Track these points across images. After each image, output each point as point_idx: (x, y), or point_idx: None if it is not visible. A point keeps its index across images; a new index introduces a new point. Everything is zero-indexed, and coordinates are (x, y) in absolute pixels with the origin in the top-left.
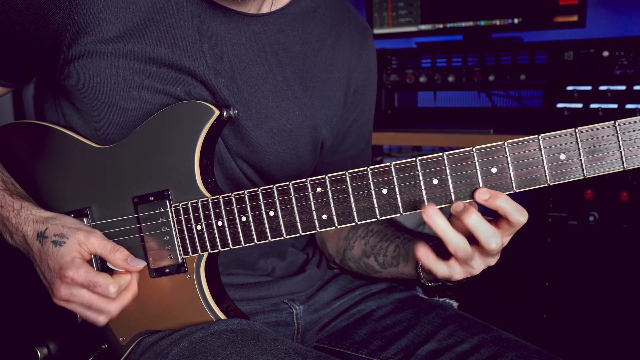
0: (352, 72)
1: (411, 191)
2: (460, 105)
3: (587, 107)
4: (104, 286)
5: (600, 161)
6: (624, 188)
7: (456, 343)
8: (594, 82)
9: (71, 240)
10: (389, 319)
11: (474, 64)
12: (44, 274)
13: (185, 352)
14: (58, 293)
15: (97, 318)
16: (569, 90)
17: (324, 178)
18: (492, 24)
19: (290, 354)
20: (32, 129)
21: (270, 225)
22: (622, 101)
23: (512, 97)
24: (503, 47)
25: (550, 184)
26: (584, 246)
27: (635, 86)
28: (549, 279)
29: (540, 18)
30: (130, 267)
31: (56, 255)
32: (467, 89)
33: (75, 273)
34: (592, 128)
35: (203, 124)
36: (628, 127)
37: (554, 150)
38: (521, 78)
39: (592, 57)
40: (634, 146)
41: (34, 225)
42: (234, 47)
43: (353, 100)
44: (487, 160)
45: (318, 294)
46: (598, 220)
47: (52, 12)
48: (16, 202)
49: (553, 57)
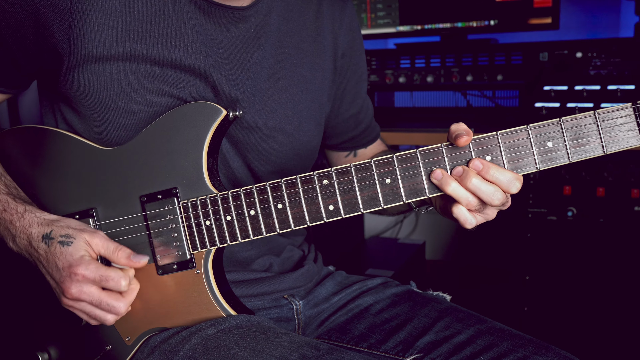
0: (338, 37)
1: (413, 180)
2: (436, 105)
3: (564, 106)
4: (115, 279)
5: (583, 147)
6: (600, 184)
7: (453, 334)
8: (570, 82)
9: (78, 240)
10: (386, 313)
11: (451, 65)
12: (52, 275)
13: (197, 349)
14: (68, 291)
15: (106, 316)
16: (546, 90)
17: (329, 171)
18: (469, 25)
19: (303, 346)
20: (34, 133)
21: (278, 218)
22: (598, 100)
23: (487, 97)
24: (480, 48)
25: (540, 169)
26: (563, 240)
27: (609, 86)
28: (529, 273)
29: (516, 20)
30: (134, 263)
31: (65, 255)
32: (445, 89)
33: (86, 269)
34: (574, 117)
35: (211, 123)
36: (606, 116)
37: (542, 139)
38: (498, 78)
39: (566, 58)
40: (612, 133)
41: (38, 227)
42: (230, 40)
43: (342, 63)
44: (482, 149)
45: (316, 289)
46: (576, 215)
47: (52, 19)
48: (19, 206)
49: (528, 58)
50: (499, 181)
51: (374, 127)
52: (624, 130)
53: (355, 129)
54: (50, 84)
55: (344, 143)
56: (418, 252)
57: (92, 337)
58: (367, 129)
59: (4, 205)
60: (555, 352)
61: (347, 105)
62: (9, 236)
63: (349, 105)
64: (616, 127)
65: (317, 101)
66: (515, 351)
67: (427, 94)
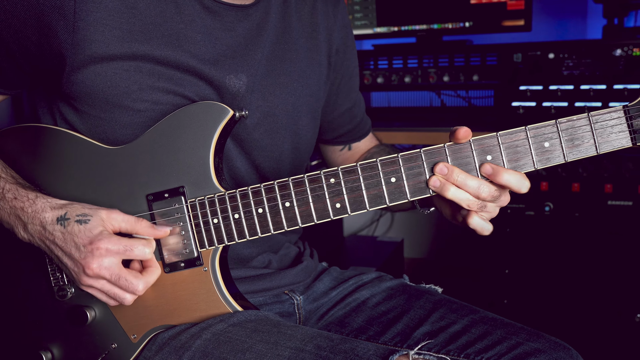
0: (332, 33)
1: (417, 178)
2: (412, 105)
3: (540, 105)
4: (139, 247)
5: (578, 147)
6: (575, 180)
7: (448, 324)
8: (544, 82)
9: (95, 217)
10: (383, 306)
11: (428, 66)
12: (71, 255)
13: (209, 344)
14: (89, 267)
15: (124, 295)
16: (522, 89)
17: (337, 170)
18: (444, 27)
19: (316, 337)
20: (35, 132)
21: (286, 216)
22: (572, 99)
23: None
24: (456, 49)
25: (537, 168)
26: (541, 234)
27: (582, 86)
28: (509, 267)
29: (490, 22)
30: (157, 232)
31: (84, 232)
32: (423, 89)
33: (108, 242)
34: (569, 119)
35: (218, 123)
36: (599, 118)
37: (539, 139)
38: (474, 79)
39: (539, 59)
40: (604, 134)
41: (52, 212)
42: (234, 38)
43: (337, 59)
44: (483, 149)
45: (315, 284)
46: (553, 210)
47: (56, 19)
48: (30, 193)
49: (503, 58)
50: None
51: (366, 120)
52: (615, 131)
53: (350, 122)
54: (50, 85)
55: (339, 137)
56: (397, 249)
57: (97, 335)
58: (360, 122)
59: (14, 194)
60: (546, 338)
61: (342, 100)
62: (20, 224)
63: (344, 99)
64: (608, 129)
65: (315, 96)
66: (509, 338)
67: (402, 93)
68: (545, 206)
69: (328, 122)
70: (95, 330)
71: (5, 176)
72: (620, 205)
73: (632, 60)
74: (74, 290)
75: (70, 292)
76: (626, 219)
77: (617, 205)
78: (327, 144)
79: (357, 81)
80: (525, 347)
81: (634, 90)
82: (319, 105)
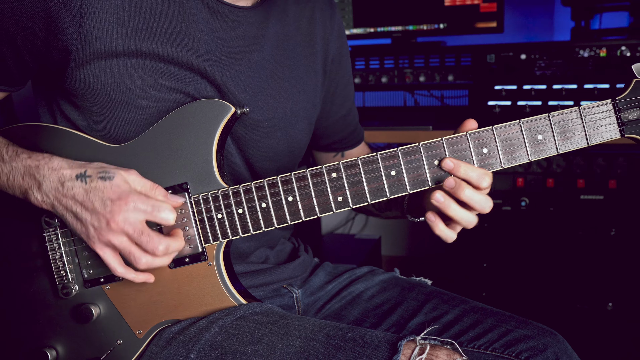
0: (328, 43)
1: (416, 171)
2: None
3: (515, 104)
4: (165, 212)
5: (570, 139)
6: (549, 176)
7: (441, 315)
8: (518, 82)
9: (117, 175)
10: (377, 298)
11: (404, 66)
12: (94, 209)
13: (218, 337)
14: (113, 220)
15: (140, 256)
16: (497, 89)
17: (338, 164)
18: (419, 28)
19: (324, 327)
20: (36, 131)
21: (289, 210)
22: (545, 98)
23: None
24: (432, 50)
25: (531, 160)
26: (518, 228)
27: (554, 85)
28: (487, 261)
29: (464, 24)
30: (172, 201)
31: (110, 188)
32: (399, 89)
33: (137, 199)
34: (561, 113)
35: (220, 120)
36: (589, 111)
37: (533, 132)
38: (449, 79)
39: (512, 60)
40: (594, 126)
41: (70, 169)
42: (234, 39)
43: (332, 68)
44: (479, 142)
45: (311, 279)
46: (529, 205)
47: (63, 16)
48: (45, 153)
49: (477, 59)
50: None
51: (360, 129)
52: (605, 124)
53: (344, 130)
54: (51, 82)
55: (333, 144)
56: (375, 246)
57: (101, 332)
58: (354, 130)
59: (29, 154)
60: (534, 325)
61: (337, 108)
62: (34, 184)
63: (339, 107)
64: (598, 121)
65: (311, 102)
66: (499, 326)
67: (378, 93)
68: (521, 201)
69: (323, 128)
70: (100, 327)
71: (15, 146)
72: (592, 199)
73: (600, 61)
74: (78, 287)
75: (75, 290)
76: (598, 213)
77: (589, 199)
78: (320, 151)
79: (351, 89)
80: (515, 334)
81: (604, 89)
82: (315, 112)
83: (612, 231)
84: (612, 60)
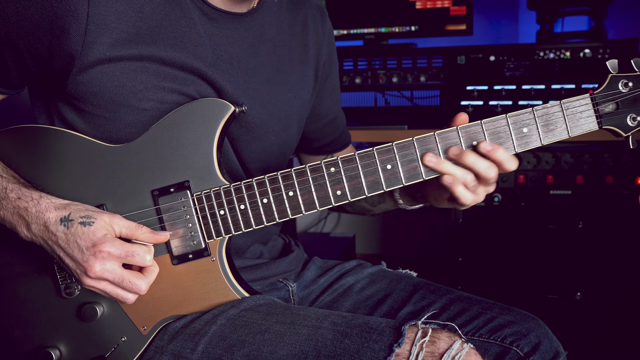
0: (320, 48)
1: (410, 164)
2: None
3: (487, 104)
4: (141, 253)
5: (552, 132)
6: (520, 172)
7: (429, 304)
8: (489, 82)
9: (99, 220)
10: (367, 290)
11: (378, 67)
12: (73, 256)
13: (225, 328)
14: (91, 270)
15: (127, 295)
16: (469, 89)
17: (336, 159)
18: (391, 30)
19: (329, 316)
20: (35, 132)
21: (290, 204)
22: (515, 98)
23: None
24: (404, 51)
25: (518, 152)
26: (491, 224)
27: (523, 86)
28: (462, 255)
29: (434, 26)
30: (157, 237)
31: (87, 234)
32: (373, 90)
33: (111, 246)
34: (544, 107)
35: (220, 118)
36: (570, 104)
37: (518, 125)
38: (421, 80)
39: (481, 61)
40: (574, 119)
41: (56, 212)
42: (231, 45)
43: (322, 72)
44: (469, 136)
45: (304, 273)
46: (501, 200)
47: (70, 22)
48: (34, 193)
49: (447, 60)
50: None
51: (347, 131)
52: (584, 116)
53: (332, 133)
54: (50, 85)
55: (323, 147)
56: (350, 244)
57: (106, 330)
58: (342, 133)
59: (18, 193)
60: (516, 311)
61: (325, 111)
62: (23, 224)
63: (327, 111)
64: (578, 114)
65: (304, 107)
66: (484, 313)
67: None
68: (494, 197)
69: (312, 132)
70: (104, 325)
71: (7, 176)
72: (561, 194)
73: (565, 63)
74: (81, 287)
75: (78, 290)
76: (566, 207)
77: (558, 194)
78: (309, 154)
79: (339, 94)
80: (500, 320)
81: (570, 89)
82: (305, 116)
83: (579, 224)
84: (576, 62)
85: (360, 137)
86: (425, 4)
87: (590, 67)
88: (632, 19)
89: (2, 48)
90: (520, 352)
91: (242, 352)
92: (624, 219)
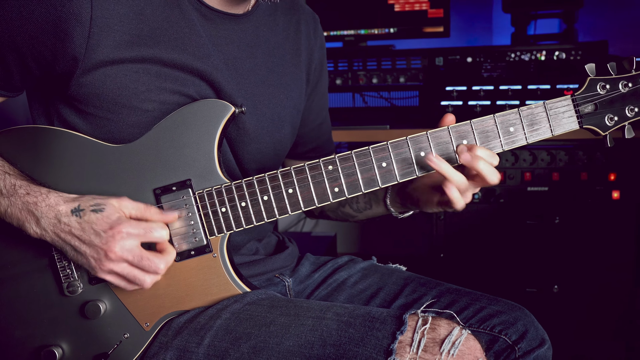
0: (312, 52)
1: (404, 162)
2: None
3: (466, 104)
4: (158, 230)
5: (537, 131)
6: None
7: (420, 297)
8: (468, 83)
9: (108, 206)
10: (360, 284)
11: (358, 69)
12: (91, 243)
13: (230, 322)
14: (111, 251)
15: (144, 277)
16: (449, 90)
17: (333, 157)
18: (371, 32)
19: (331, 307)
20: (36, 133)
21: (289, 201)
22: (493, 98)
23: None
24: (383, 53)
25: (505, 150)
26: (471, 220)
27: (500, 86)
28: (443, 251)
29: (412, 28)
30: (167, 217)
31: (102, 219)
32: (353, 91)
33: (128, 226)
34: (529, 107)
35: (221, 118)
36: (553, 105)
37: (506, 125)
38: (401, 80)
39: (459, 63)
40: (557, 119)
41: (65, 205)
42: (229, 45)
43: (314, 76)
44: (459, 135)
45: (298, 268)
46: (481, 197)
47: (73, 26)
48: (42, 189)
49: (426, 62)
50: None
51: (332, 141)
52: (566, 116)
53: (318, 138)
54: (50, 87)
55: (309, 152)
56: (331, 243)
57: (109, 327)
58: (327, 141)
59: (27, 189)
60: (504, 301)
61: (314, 116)
62: (32, 219)
63: (316, 116)
64: (560, 114)
65: (296, 108)
66: (473, 304)
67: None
68: (474, 194)
69: (299, 136)
70: (106, 323)
71: (14, 173)
72: (538, 191)
73: (539, 64)
74: (84, 285)
75: (80, 288)
76: (543, 203)
77: (535, 191)
78: (294, 159)
79: (327, 99)
80: (489, 310)
81: (546, 89)
82: (299, 118)
83: (556, 219)
84: (550, 63)
85: (342, 137)
86: (403, 6)
87: (564, 68)
88: (600, 22)
89: (6, 51)
90: (508, 340)
91: (249, 344)
92: (598, 213)
